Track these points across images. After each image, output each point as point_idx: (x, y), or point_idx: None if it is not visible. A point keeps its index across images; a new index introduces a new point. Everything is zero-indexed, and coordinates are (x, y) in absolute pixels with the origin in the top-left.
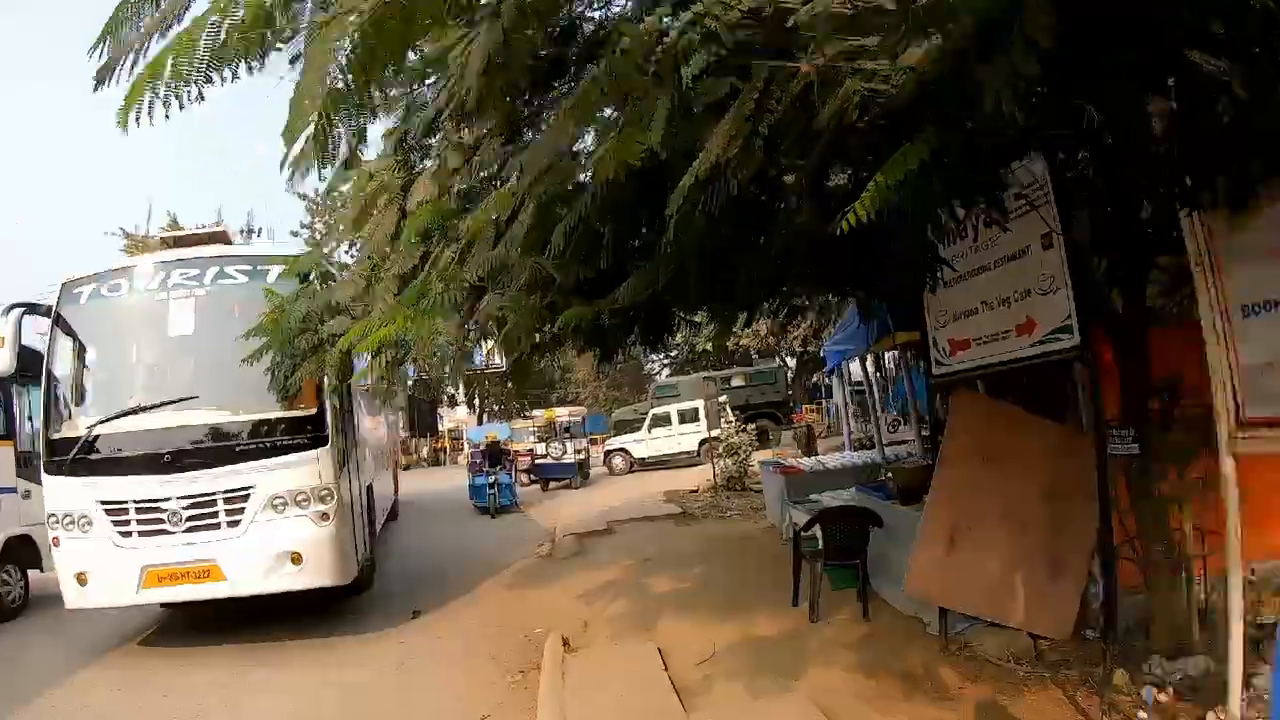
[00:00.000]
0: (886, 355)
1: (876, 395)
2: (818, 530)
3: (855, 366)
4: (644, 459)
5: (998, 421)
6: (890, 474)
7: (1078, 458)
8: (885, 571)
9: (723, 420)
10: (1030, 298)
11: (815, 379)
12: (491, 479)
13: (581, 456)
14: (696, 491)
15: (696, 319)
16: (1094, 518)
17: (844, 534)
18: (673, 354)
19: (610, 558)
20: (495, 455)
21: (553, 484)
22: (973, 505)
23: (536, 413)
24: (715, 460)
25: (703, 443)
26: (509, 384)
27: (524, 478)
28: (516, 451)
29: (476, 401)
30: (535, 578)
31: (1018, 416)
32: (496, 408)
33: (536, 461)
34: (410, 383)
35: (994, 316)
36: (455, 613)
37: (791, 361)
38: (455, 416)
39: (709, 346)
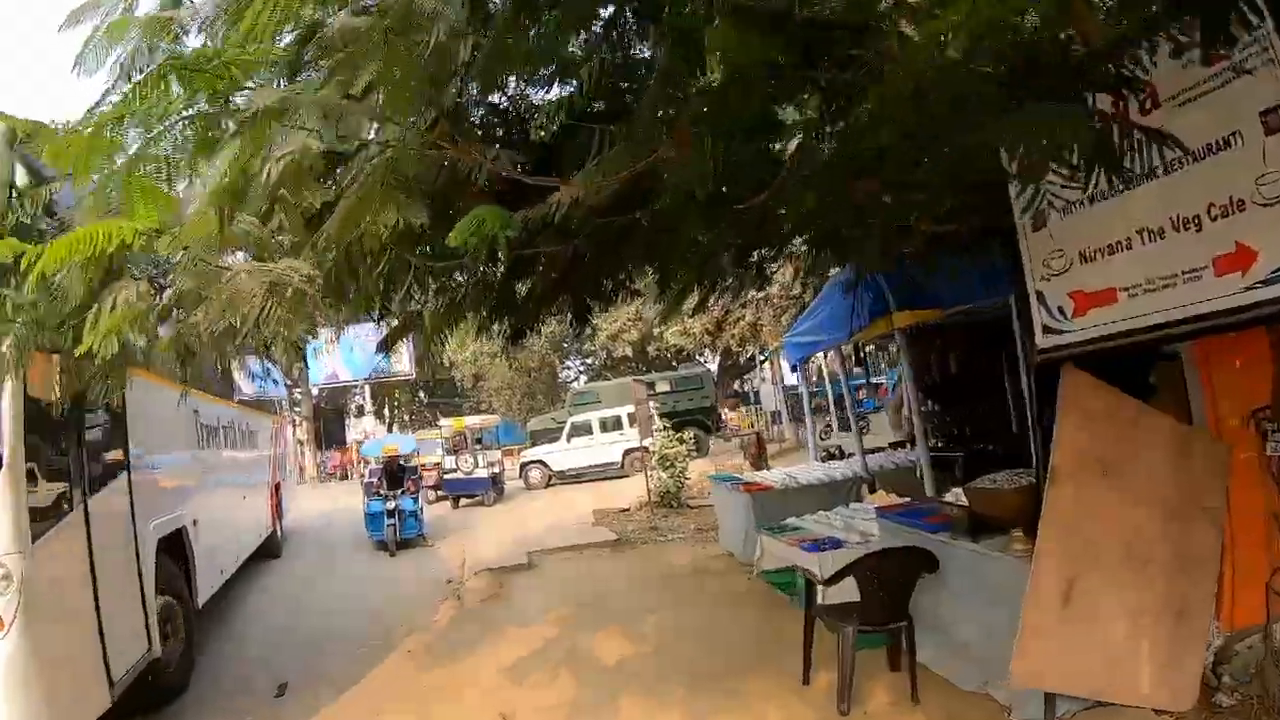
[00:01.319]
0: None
1: (849, 396)
2: (850, 581)
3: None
4: (563, 471)
5: (1119, 416)
6: (956, 497)
7: (1200, 464)
8: (938, 632)
9: (654, 428)
10: (1243, 213)
11: (739, 384)
12: (391, 505)
13: (495, 470)
14: (629, 511)
15: (638, 287)
16: (1217, 544)
17: (889, 586)
18: (588, 359)
19: (537, 603)
20: (395, 475)
21: (464, 501)
22: (1091, 541)
23: (444, 422)
24: (648, 474)
25: (627, 453)
26: (419, 393)
27: (429, 494)
28: (423, 466)
29: (386, 411)
30: (442, 641)
31: (1134, 408)
32: (408, 418)
33: (445, 477)
34: (315, 389)
35: (1166, 249)
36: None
37: (713, 365)
38: (362, 427)
39: (628, 351)
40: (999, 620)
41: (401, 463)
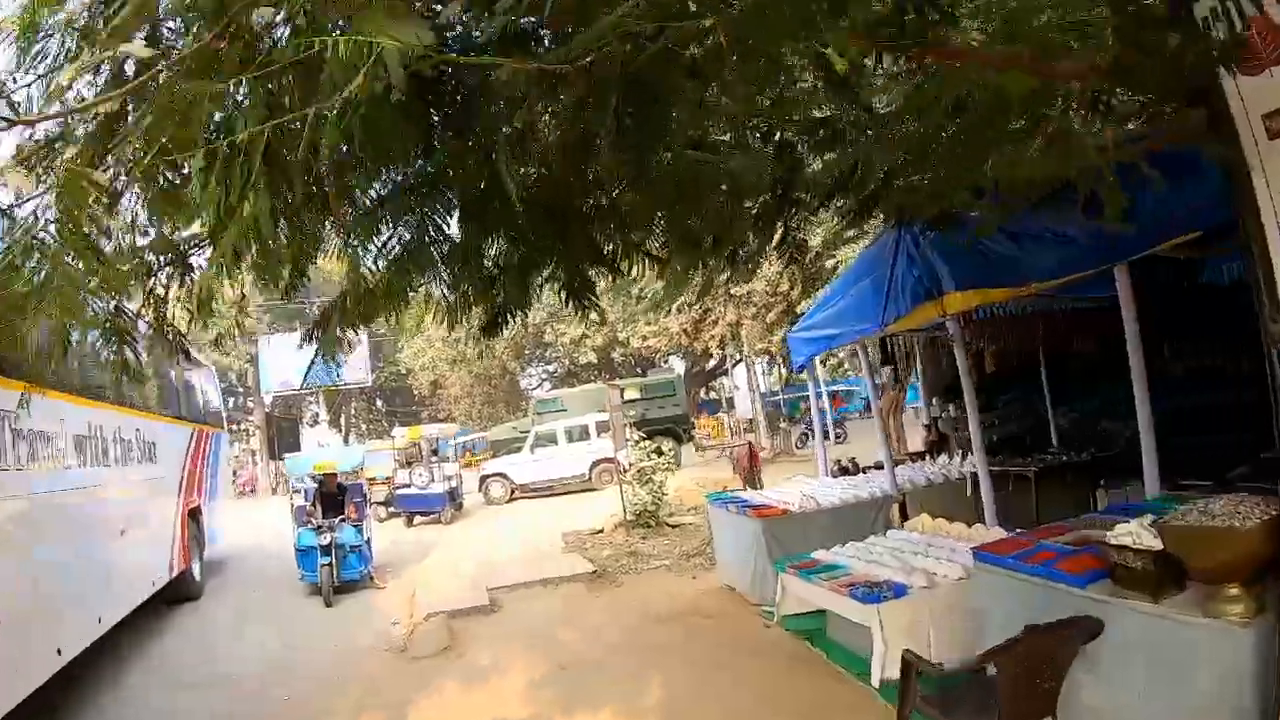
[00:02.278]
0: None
1: (874, 398)
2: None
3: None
4: (527, 484)
5: None
6: (1142, 535)
7: None
8: None
9: (628, 438)
10: None
11: (706, 391)
12: (326, 539)
13: (453, 484)
14: (602, 532)
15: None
16: None
17: (1041, 675)
18: (550, 367)
19: (501, 662)
20: (333, 499)
21: (419, 519)
22: None
23: (398, 432)
24: (623, 489)
25: (595, 464)
26: (376, 401)
27: (381, 511)
28: (372, 481)
29: (343, 420)
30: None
31: None
32: (364, 426)
33: (398, 492)
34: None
35: None
36: None
37: (680, 369)
38: (316, 437)
39: (593, 357)
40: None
41: (342, 483)
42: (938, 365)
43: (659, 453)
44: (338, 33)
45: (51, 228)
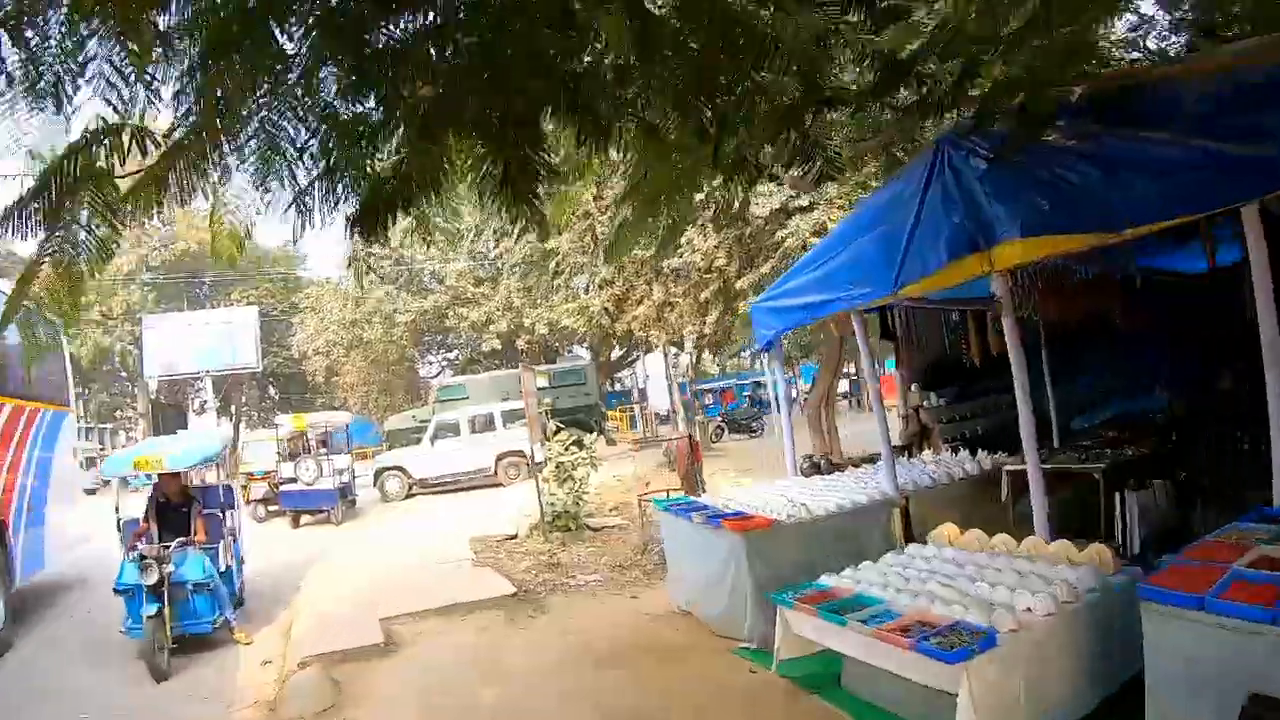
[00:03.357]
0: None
1: (872, 381)
2: None
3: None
4: (426, 479)
5: None
6: None
7: None
8: None
9: (547, 430)
10: None
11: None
12: (154, 576)
13: (344, 479)
14: (516, 538)
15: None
16: None
17: None
18: (452, 354)
19: None
20: (176, 512)
21: (306, 519)
22: None
23: (281, 420)
24: (540, 487)
25: (501, 457)
26: (269, 388)
27: (261, 510)
28: (251, 476)
29: (233, 408)
30: None
31: None
32: (256, 415)
33: (281, 488)
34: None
35: None
36: None
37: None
38: (203, 425)
39: (496, 343)
40: None
41: (194, 486)
42: (917, 345)
43: (579, 445)
44: None
45: None
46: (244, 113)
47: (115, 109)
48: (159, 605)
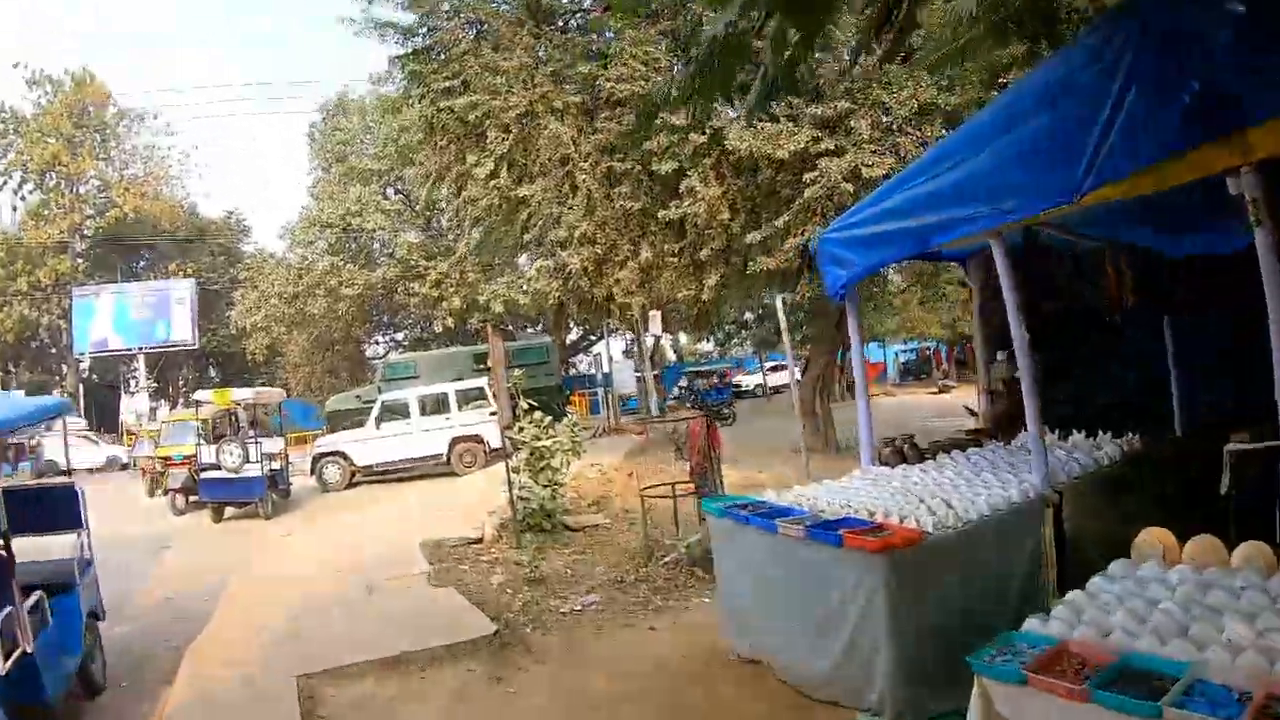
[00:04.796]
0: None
1: (1023, 344)
2: None
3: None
4: (371, 466)
5: None
6: None
7: None
8: None
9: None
10: None
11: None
12: None
13: (275, 466)
14: (481, 542)
15: None
16: None
17: None
18: (400, 333)
19: None
20: None
21: (231, 510)
22: None
23: (202, 396)
24: (511, 479)
25: (455, 443)
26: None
27: (178, 500)
28: (169, 460)
29: (171, 389)
30: None
31: None
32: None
33: (202, 476)
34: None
35: None
36: None
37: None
38: (134, 406)
39: (449, 321)
40: None
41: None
42: (995, 300)
43: (567, 429)
44: None
45: None
46: None
47: None
48: None
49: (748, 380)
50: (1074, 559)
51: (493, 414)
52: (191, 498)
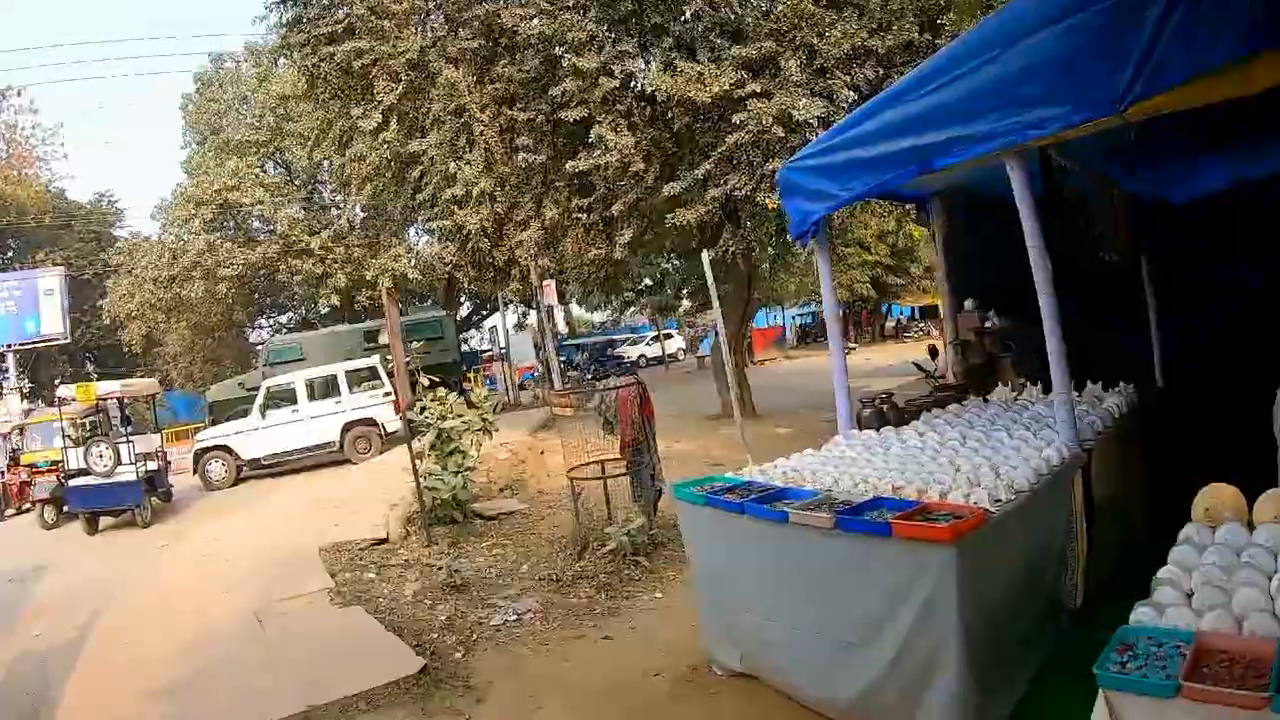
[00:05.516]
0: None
1: (1047, 281)
2: None
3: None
4: (259, 459)
5: None
6: None
7: None
8: None
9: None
10: None
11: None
12: None
13: (152, 466)
14: (387, 541)
15: None
16: None
17: None
18: (285, 315)
19: None
20: None
21: (105, 520)
22: None
23: (64, 392)
24: (417, 467)
25: (349, 428)
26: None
27: (48, 513)
28: (33, 470)
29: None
30: None
31: None
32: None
33: (70, 483)
34: None
35: None
36: None
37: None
38: (6, 408)
39: (335, 300)
40: None
41: None
42: (964, 241)
43: (470, 406)
44: None
45: None
46: None
47: None
48: None
49: (632, 351)
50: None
51: (387, 395)
52: (58, 512)
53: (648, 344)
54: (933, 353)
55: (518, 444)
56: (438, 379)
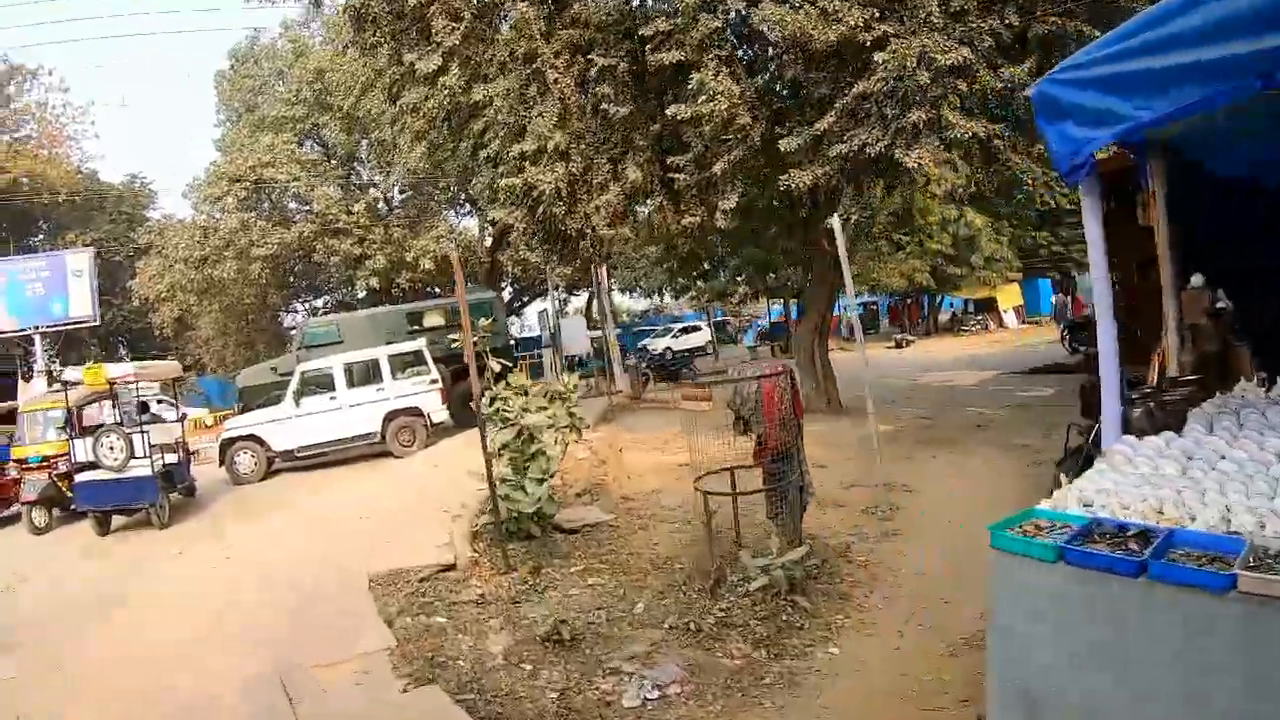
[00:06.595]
0: None
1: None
2: None
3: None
4: (292, 451)
5: None
6: None
7: None
8: None
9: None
10: None
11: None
12: None
13: (172, 459)
14: (454, 568)
15: None
16: None
17: None
18: (320, 299)
19: None
20: None
21: (118, 519)
22: None
23: (71, 374)
24: (493, 473)
25: (391, 418)
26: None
27: (40, 516)
28: (23, 467)
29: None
30: None
31: None
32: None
33: (78, 479)
34: None
35: None
36: None
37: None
38: (33, 391)
39: (374, 282)
40: None
41: None
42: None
43: (560, 399)
44: None
45: None
46: None
47: None
48: None
49: (657, 344)
50: None
51: (434, 382)
52: (56, 510)
53: (674, 336)
54: (1073, 329)
55: (597, 440)
56: (509, 364)
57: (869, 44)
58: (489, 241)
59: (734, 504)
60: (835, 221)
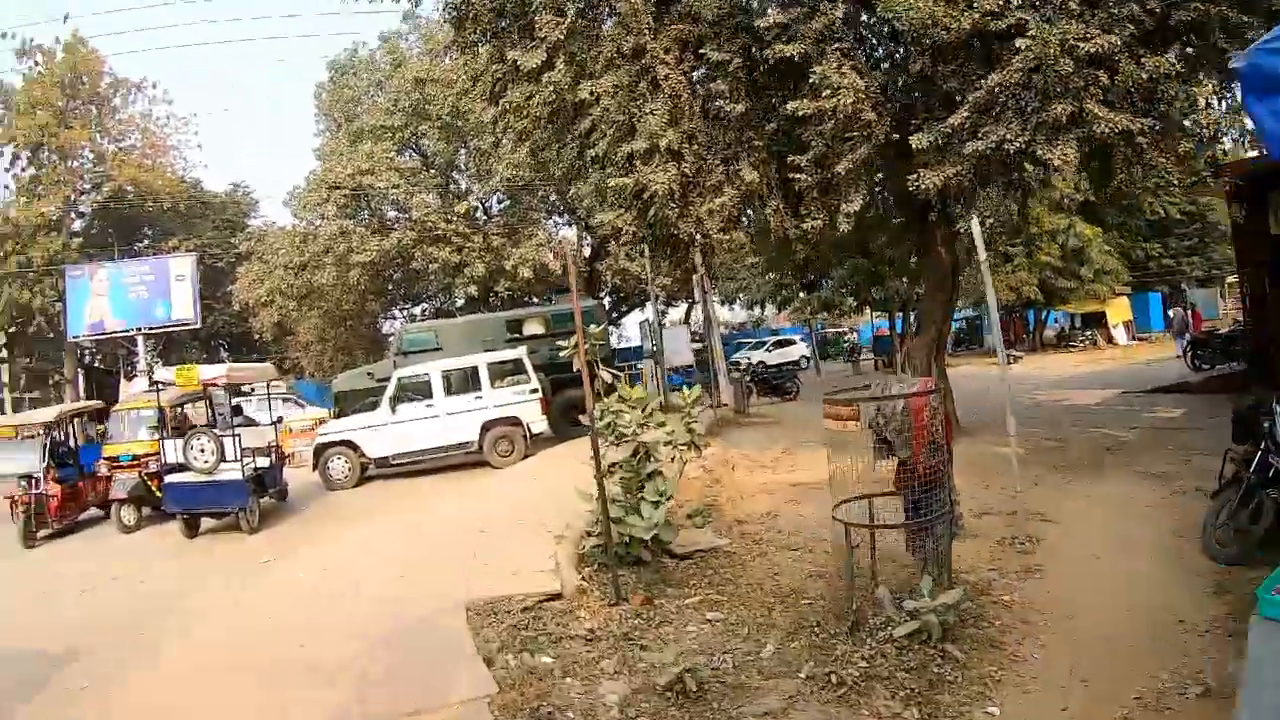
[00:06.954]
0: None
1: None
2: None
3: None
4: (387, 458)
5: None
6: None
7: None
8: None
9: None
10: None
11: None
12: None
13: (264, 463)
14: (560, 597)
15: None
16: None
17: None
18: (419, 306)
19: None
20: None
21: (207, 521)
22: None
23: (163, 374)
24: (605, 493)
25: (489, 427)
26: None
27: (127, 514)
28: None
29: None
30: None
31: None
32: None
33: (168, 479)
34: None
35: None
36: None
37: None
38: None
39: (473, 290)
40: None
41: None
42: None
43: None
44: None
45: None
46: None
47: None
48: None
49: (750, 358)
50: None
51: (534, 391)
52: (146, 510)
53: (768, 350)
54: (1197, 344)
55: (711, 457)
56: (618, 373)
57: (1003, 31)
58: (587, 251)
59: (871, 536)
60: (975, 224)
